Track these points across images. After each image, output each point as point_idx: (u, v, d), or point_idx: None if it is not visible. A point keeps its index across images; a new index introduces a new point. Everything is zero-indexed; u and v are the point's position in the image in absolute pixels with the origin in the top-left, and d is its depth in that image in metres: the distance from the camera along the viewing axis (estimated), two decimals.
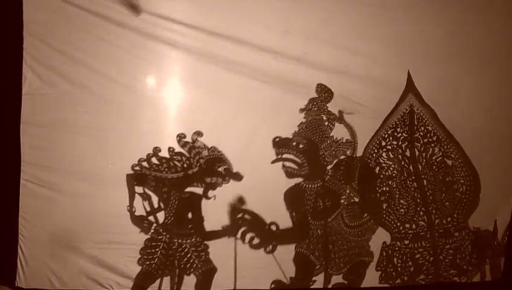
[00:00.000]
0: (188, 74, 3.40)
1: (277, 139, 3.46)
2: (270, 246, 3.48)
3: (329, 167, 3.58)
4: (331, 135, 3.56)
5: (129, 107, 3.30)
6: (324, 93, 3.50)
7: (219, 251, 3.47)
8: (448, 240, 3.75)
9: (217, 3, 3.35)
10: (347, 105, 3.56)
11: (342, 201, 3.63)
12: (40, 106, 3.23)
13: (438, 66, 3.67)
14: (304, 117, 3.50)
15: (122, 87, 3.29)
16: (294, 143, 3.48)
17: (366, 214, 3.68)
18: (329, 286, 3.65)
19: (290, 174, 3.50)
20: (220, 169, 3.39)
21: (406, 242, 3.71)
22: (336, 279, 3.67)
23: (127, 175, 3.30)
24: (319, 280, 3.64)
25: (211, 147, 3.38)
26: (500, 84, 3.78)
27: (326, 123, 3.54)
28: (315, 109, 3.50)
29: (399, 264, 3.71)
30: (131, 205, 3.32)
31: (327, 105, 3.52)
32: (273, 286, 3.56)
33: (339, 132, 3.58)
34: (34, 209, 3.27)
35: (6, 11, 3.19)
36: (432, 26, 3.65)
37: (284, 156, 3.49)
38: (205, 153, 3.37)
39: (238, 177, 3.40)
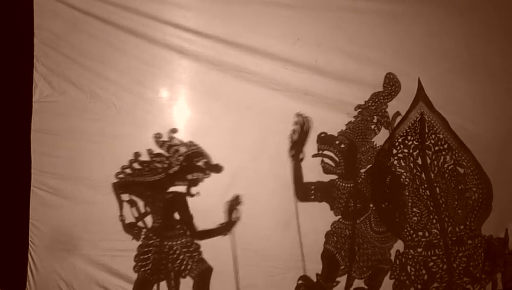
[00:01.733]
0: (198, 82, 3.28)
1: (322, 135, 3.40)
2: None
3: (362, 171, 3.52)
4: (372, 140, 3.52)
5: (139, 114, 3.20)
6: (391, 86, 3.47)
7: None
8: (461, 247, 3.64)
9: (227, 12, 3.26)
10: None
11: (371, 205, 3.56)
12: (51, 113, 3.13)
13: (448, 75, 3.59)
14: (355, 116, 3.44)
15: (133, 94, 3.19)
16: (337, 142, 3.43)
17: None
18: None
19: (326, 170, 3.45)
20: (199, 163, 3.27)
21: (419, 250, 3.61)
22: (358, 283, 3.58)
23: (112, 184, 3.19)
24: (342, 282, 3.55)
25: (188, 142, 3.25)
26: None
27: (372, 127, 3.49)
28: (373, 107, 3.45)
29: (412, 273, 3.61)
30: (121, 214, 3.21)
31: (388, 104, 3.48)
32: (300, 281, 3.47)
33: (379, 138, 3.54)
34: (44, 216, 3.17)
35: (17, 18, 3.12)
36: (441, 36, 3.58)
37: (325, 152, 3.43)
38: (183, 149, 3.24)
39: (217, 169, 3.26)
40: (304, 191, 3.40)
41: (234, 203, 3.31)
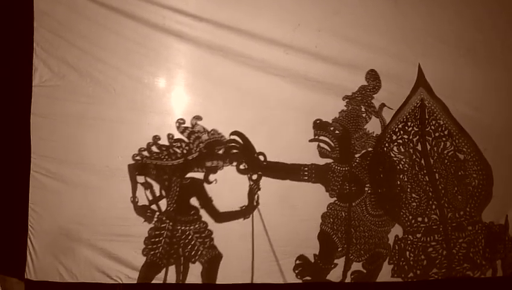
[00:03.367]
0: (197, 67, 3.24)
1: (318, 122, 3.39)
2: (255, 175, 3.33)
3: (357, 155, 3.50)
4: (365, 127, 3.48)
5: (138, 99, 3.16)
6: (373, 81, 3.43)
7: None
8: (461, 233, 3.59)
9: None
10: None
11: (366, 189, 3.53)
12: (50, 98, 3.08)
13: (449, 61, 3.54)
14: (345, 105, 3.42)
15: (132, 79, 3.14)
16: (331, 128, 3.42)
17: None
18: (349, 272, 3.51)
19: (322, 154, 3.43)
20: (220, 152, 3.24)
21: (418, 236, 3.56)
22: (356, 266, 3.53)
23: (129, 165, 3.14)
24: (340, 264, 3.50)
25: (211, 130, 3.22)
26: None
27: (363, 115, 3.47)
28: (359, 98, 3.43)
29: (411, 258, 3.56)
30: (134, 195, 3.17)
31: (373, 96, 3.45)
32: (297, 261, 3.44)
33: (371, 125, 3.50)
34: (43, 201, 3.11)
35: (17, 2, 3.07)
36: (442, 21, 3.53)
37: (321, 137, 3.41)
38: (205, 136, 3.21)
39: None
40: (295, 172, 3.38)
41: (255, 188, 3.29)
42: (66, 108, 3.10)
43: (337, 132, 3.42)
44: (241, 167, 3.29)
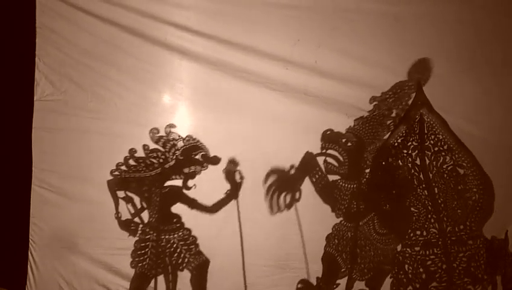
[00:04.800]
0: (198, 82, 3.23)
1: (328, 132, 3.31)
2: None
3: (367, 171, 3.42)
4: (384, 138, 3.41)
5: (140, 113, 3.16)
6: (418, 74, 3.35)
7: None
8: (461, 247, 3.51)
9: (228, 12, 3.20)
10: (355, 113, 3.36)
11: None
12: (52, 112, 3.10)
13: (448, 76, 3.46)
14: (369, 111, 3.33)
15: (134, 93, 3.14)
16: (344, 140, 3.33)
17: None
18: None
19: (329, 170, 3.36)
20: (197, 157, 3.21)
21: (417, 249, 3.49)
22: (359, 285, 3.47)
23: (108, 181, 3.15)
24: (342, 284, 3.45)
25: (186, 137, 3.20)
26: None
27: (388, 122, 3.39)
28: (391, 99, 3.35)
29: (410, 271, 3.50)
30: (117, 211, 3.16)
31: (411, 95, 3.38)
32: (299, 285, 3.38)
33: None
34: (44, 214, 3.14)
35: (19, 17, 3.10)
36: (442, 36, 3.47)
37: (329, 151, 3.34)
38: (180, 143, 3.20)
39: (215, 161, 3.22)
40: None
41: (232, 167, 3.24)
42: (67, 122, 3.12)
43: (349, 144, 3.33)
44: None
